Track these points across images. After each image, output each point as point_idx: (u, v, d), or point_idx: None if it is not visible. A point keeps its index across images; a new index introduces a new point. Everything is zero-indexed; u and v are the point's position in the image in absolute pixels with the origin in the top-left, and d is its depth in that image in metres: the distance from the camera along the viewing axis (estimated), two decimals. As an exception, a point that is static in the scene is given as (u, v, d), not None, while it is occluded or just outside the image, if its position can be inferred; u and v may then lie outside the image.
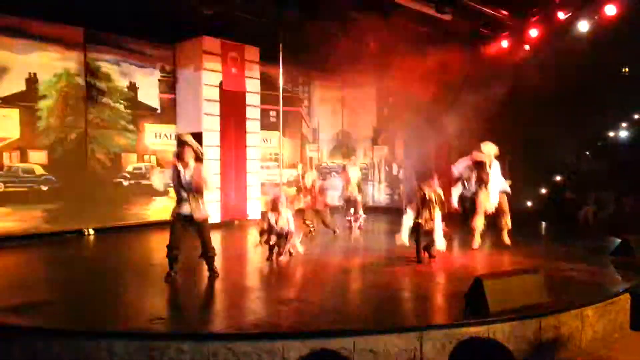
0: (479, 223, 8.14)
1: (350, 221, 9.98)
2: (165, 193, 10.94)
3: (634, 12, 9.05)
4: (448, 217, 7.70)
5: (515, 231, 9.55)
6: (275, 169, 12.83)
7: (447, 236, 7.59)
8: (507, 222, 8.20)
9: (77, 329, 4.40)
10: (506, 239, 8.20)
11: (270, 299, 5.59)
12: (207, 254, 6.21)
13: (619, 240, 8.20)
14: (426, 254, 7.23)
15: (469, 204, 8.65)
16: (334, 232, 9.54)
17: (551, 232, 10.57)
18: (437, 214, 7.14)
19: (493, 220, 8.35)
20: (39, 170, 9.21)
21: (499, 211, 8.19)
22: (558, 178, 11.84)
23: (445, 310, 5.06)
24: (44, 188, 9.25)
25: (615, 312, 5.50)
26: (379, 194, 14.50)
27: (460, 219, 9.11)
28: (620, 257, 7.42)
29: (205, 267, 6.36)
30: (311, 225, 9.37)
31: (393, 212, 13.22)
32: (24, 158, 9.05)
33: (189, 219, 6.12)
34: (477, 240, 8.19)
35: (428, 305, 5.28)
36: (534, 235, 9.92)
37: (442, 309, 5.12)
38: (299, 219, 8.99)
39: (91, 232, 9.72)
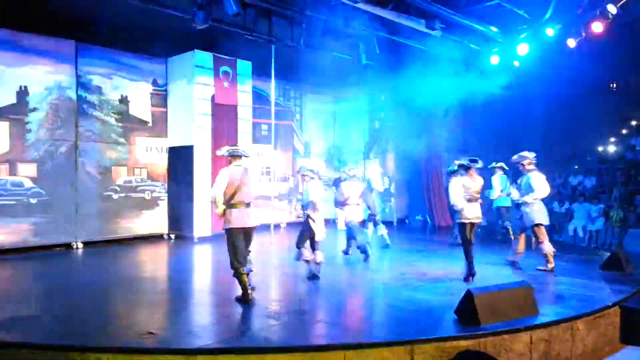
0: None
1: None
2: (156, 205, 10.94)
3: (620, 29, 9.23)
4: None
5: (505, 245, 9.62)
6: (267, 182, 12.86)
7: None
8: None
9: (66, 344, 4.35)
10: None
11: (261, 313, 5.56)
12: None
13: (608, 254, 8.26)
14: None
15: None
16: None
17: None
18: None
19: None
20: (28, 183, 9.14)
21: None
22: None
23: (436, 323, 5.05)
24: (33, 201, 9.18)
25: (605, 325, 5.53)
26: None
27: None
28: (610, 270, 7.48)
29: (196, 280, 6.33)
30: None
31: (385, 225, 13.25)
32: (13, 171, 8.98)
33: None
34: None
35: (419, 318, 5.28)
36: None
37: (433, 322, 5.11)
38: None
39: (80, 245, 9.64)
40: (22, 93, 9.06)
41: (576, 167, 11.81)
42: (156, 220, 10.96)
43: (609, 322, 5.59)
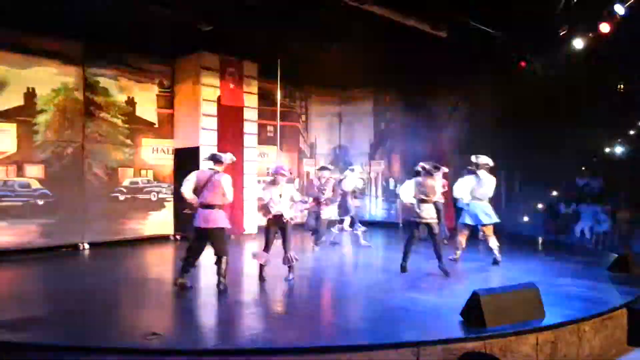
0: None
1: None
2: (162, 207, 10.97)
3: (629, 29, 9.17)
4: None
5: (512, 246, 9.60)
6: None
7: None
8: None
9: (72, 345, 4.37)
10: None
11: (267, 314, 5.57)
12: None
13: (615, 255, 8.21)
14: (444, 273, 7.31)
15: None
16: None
17: (547, 247, 10.57)
18: None
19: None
20: (35, 185, 9.19)
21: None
22: (554, 193, 11.87)
23: (442, 325, 5.04)
24: (40, 202, 9.22)
25: (613, 327, 5.50)
26: (376, 209, 14.50)
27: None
28: (617, 272, 7.43)
29: (202, 281, 6.36)
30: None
31: (390, 227, 13.25)
32: (20, 172, 9.03)
33: None
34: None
35: (425, 320, 5.26)
36: (530, 250, 9.92)
37: (438, 324, 5.09)
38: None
39: (86, 246, 9.67)
40: (30, 95, 9.11)
41: (583, 168, 11.72)
42: (162, 222, 10.99)
43: (616, 324, 5.55)
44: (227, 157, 6.67)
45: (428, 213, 7.39)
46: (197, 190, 6.33)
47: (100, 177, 10.07)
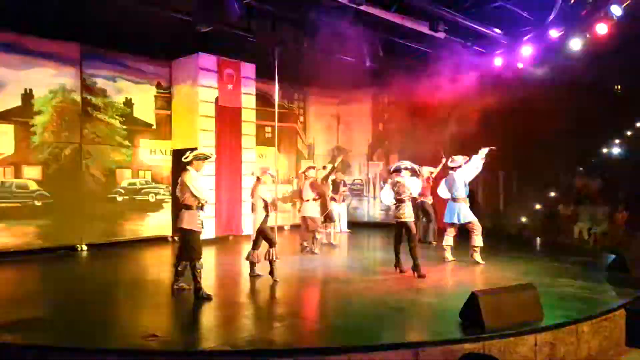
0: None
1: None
2: (160, 208, 10.96)
3: (625, 30, 9.18)
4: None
5: (510, 247, 9.61)
6: (270, 185, 12.82)
7: None
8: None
9: (70, 346, 4.36)
10: (477, 258, 8.25)
11: (265, 316, 5.56)
12: None
13: (613, 256, 8.22)
14: (415, 274, 7.24)
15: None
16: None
17: (545, 248, 10.58)
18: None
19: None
20: (33, 186, 9.17)
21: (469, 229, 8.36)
22: (552, 194, 11.88)
23: (441, 326, 5.04)
24: (38, 203, 9.20)
25: (611, 328, 5.50)
26: (373, 210, 14.50)
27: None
28: (615, 272, 7.44)
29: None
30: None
31: (388, 228, 13.23)
32: (18, 173, 9.01)
33: None
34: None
35: (423, 321, 5.26)
36: (528, 251, 9.93)
37: (437, 325, 5.09)
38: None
39: (84, 247, 9.65)
40: (27, 96, 9.10)
41: (581, 168, 11.74)
42: (160, 223, 10.97)
43: (615, 325, 5.56)
44: (191, 154, 6.19)
45: (403, 213, 7.41)
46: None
47: (98, 178, 10.06)
